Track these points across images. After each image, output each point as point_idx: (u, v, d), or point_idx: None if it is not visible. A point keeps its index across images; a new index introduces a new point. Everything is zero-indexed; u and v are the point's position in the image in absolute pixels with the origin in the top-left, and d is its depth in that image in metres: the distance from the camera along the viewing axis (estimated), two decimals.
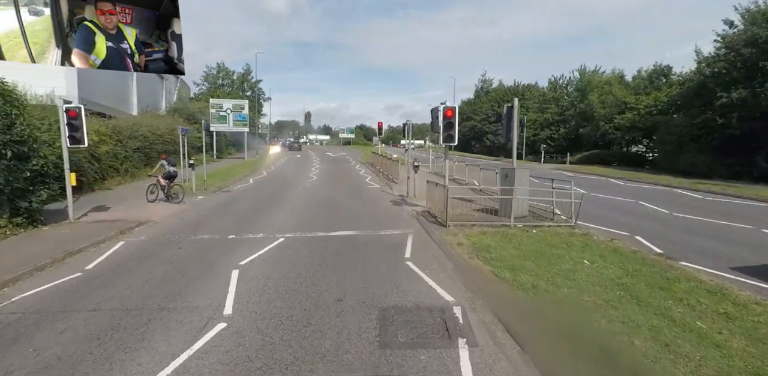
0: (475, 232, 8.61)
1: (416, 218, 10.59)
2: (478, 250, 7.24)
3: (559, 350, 3.99)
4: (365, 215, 10.98)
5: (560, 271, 6.07)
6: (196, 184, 15.37)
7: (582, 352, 3.91)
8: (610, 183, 18.50)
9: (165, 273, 6.35)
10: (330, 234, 8.87)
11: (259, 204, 12.80)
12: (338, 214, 11.15)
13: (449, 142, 10.58)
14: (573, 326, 4.47)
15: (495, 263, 6.47)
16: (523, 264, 6.36)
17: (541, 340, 4.15)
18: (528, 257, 6.72)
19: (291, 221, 10.17)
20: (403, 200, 13.47)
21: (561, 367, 3.68)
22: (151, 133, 21.82)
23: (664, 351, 3.84)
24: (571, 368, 3.67)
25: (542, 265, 6.35)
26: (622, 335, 4.15)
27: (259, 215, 11.08)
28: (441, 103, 10.81)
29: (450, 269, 6.48)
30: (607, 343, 4.01)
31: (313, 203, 13.10)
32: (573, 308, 4.85)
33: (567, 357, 3.85)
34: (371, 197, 14.40)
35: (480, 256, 6.91)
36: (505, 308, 4.88)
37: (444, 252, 7.33)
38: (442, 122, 10.47)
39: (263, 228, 9.41)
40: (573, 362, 3.75)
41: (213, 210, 11.89)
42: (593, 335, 4.19)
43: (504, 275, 5.93)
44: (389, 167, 20.43)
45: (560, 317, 4.70)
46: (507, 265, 6.33)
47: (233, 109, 33.25)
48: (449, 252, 7.22)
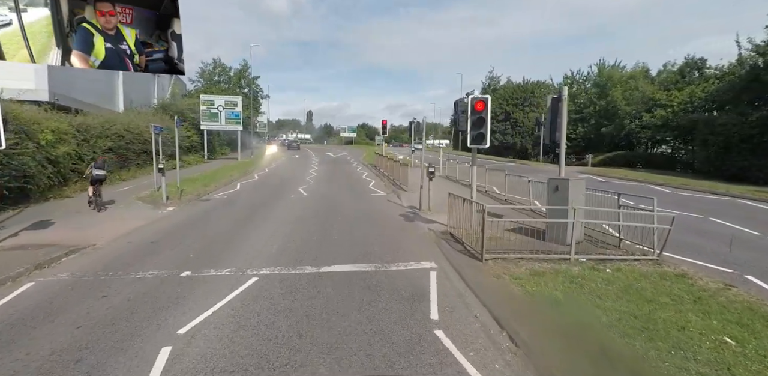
0: (525, 271, 6.15)
1: (436, 242, 8.14)
2: (540, 308, 4.80)
3: None
4: (369, 237, 8.54)
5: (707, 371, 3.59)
6: (167, 193, 12.95)
7: None
8: (653, 191, 15.92)
9: (53, 353, 3.94)
10: (322, 270, 6.44)
11: (238, 219, 10.37)
12: (335, 234, 8.73)
13: (479, 144, 8.14)
14: None
15: (585, 344, 4.02)
16: (633, 349, 3.90)
17: None
18: (632, 328, 4.27)
19: (272, 247, 7.74)
20: (415, 214, 11.01)
21: None
22: (128, 131, 19.43)
23: None
24: None
25: (664, 348, 3.89)
26: None
27: (234, 237, 8.65)
28: (467, 93, 8.37)
29: (508, 352, 4.04)
30: None
31: (306, 217, 10.66)
32: None
33: None
34: (376, 210, 11.95)
35: (550, 322, 4.47)
36: None
37: (490, 312, 4.88)
38: (471, 117, 8.02)
39: (233, 259, 7.00)
40: None
41: (178, 228, 9.46)
42: None
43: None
44: (396, 171, 17.97)
45: None
46: (607, 350, 3.87)
47: (225, 105, 30.85)
48: (499, 314, 4.77)
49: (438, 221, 10.12)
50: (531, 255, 6.86)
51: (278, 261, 6.89)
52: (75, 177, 14.88)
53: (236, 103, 31.20)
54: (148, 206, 12.19)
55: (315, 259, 7.02)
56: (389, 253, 7.42)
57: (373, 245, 7.91)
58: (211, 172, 21.23)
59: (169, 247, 7.81)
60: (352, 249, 7.63)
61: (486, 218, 6.47)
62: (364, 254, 7.35)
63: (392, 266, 6.64)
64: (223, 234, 8.81)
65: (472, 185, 8.63)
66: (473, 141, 8.09)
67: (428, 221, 10.04)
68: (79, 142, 15.66)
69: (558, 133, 8.44)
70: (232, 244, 8.02)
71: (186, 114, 29.60)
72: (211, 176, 19.10)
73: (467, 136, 8.13)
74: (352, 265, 6.70)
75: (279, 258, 7.06)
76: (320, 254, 7.27)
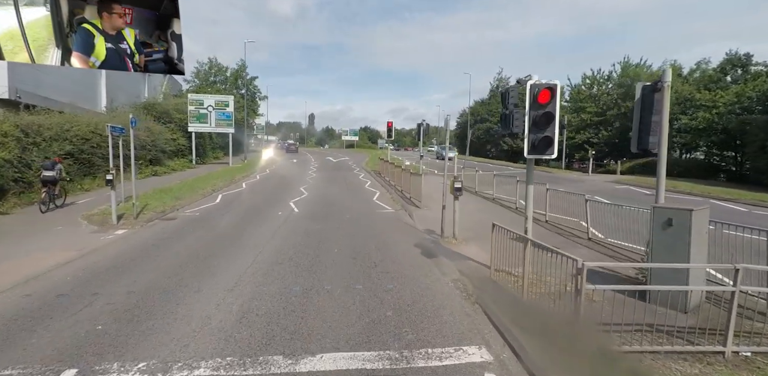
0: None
1: (478, 299, 5.42)
2: None
3: None
4: (378, 288, 5.85)
5: None
6: (119, 211, 10.31)
7: None
8: (724, 209, 13.08)
9: None
10: (299, 369, 3.77)
11: (198, 254, 7.70)
12: (326, 283, 6.05)
13: (543, 153, 5.49)
14: None
15: None
16: None
17: None
18: None
19: (230, 311, 5.06)
20: (436, 243, 8.32)
21: None
22: (95, 133, 16.80)
23: None
24: None
25: None
26: None
27: (181, 288, 5.97)
28: (524, 77, 5.70)
29: None
30: None
31: (290, 251, 7.98)
32: None
33: None
34: (384, 236, 9.26)
35: None
36: None
37: None
38: (531, 113, 5.37)
39: (162, 337, 4.32)
40: None
41: (110, 268, 6.78)
42: None
43: None
44: (405, 181, 15.28)
45: None
46: None
47: (216, 106, 28.29)
48: None
49: (469, 255, 7.43)
50: (655, 347, 4.11)
51: (231, 345, 4.21)
52: (18, 188, 12.27)
53: (227, 104, 28.63)
54: (91, 229, 9.55)
55: (291, 339, 4.33)
56: (409, 324, 4.72)
57: (384, 306, 5.22)
58: (192, 180, 18.57)
59: (76, 307, 5.14)
60: (351, 316, 4.94)
61: (586, 288, 3.75)
62: (371, 325, 4.66)
63: (418, 359, 3.95)
64: (166, 281, 6.13)
65: (528, 215, 5.91)
66: (534, 149, 5.42)
67: (456, 256, 7.34)
68: (25, 146, 13.05)
69: (654, 138, 5.77)
70: (172, 302, 5.33)
71: (172, 115, 27.05)
72: (189, 186, 16.44)
73: (526, 142, 5.45)
74: (351, 355, 4.01)
75: (234, 337, 4.38)
76: (301, 329, 4.58)
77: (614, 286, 4.27)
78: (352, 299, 5.45)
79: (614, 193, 15.73)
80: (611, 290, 4.21)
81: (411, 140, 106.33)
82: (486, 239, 8.53)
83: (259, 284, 5.97)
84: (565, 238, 8.76)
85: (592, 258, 7.25)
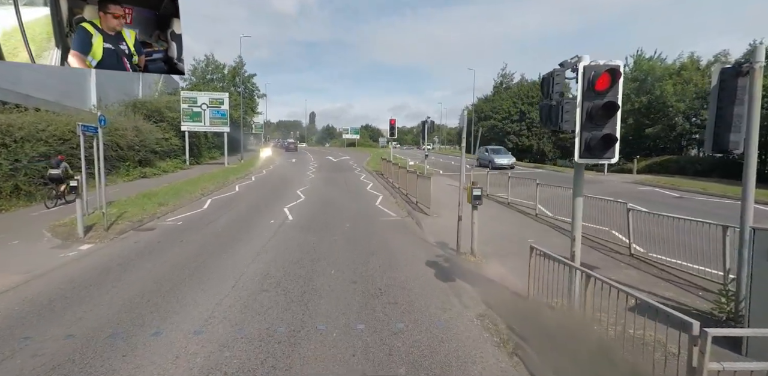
0: None
1: (516, 354, 4.15)
2: None
3: None
4: (381, 333, 4.61)
5: None
6: (86, 222, 9.09)
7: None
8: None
9: None
10: None
11: (167, 280, 6.46)
12: (320, 318, 4.80)
13: (600, 156, 4.21)
14: None
15: None
16: None
17: None
18: None
19: (191, 367, 3.82)
20: (451, 262, 7.05)
21: None
22: (75, 133, 15.52)
23: None
24: None
25: None
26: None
27: (129, 338, 4.73)
28: (570, 59, 4.40)
29: None
30: None
31: (279, 273, 6.73)
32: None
33: None
34: (389, 251, 7.99)
35: None
36: None
37: None
38: (586, 103, 4.08)
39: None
40: None
41: (53, 303, 5.54)
42: None
43: None
44: (411, 184, 14.00)
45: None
46: None
47: (210, 104, 27.03)
48: None
49: (493, 277, 6.17)
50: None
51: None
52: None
53: (222, 101, 27.37)
54: (53, 244, 8.32)
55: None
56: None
57: (394, 359, 3.97)
58: (181, 183, 17.34)
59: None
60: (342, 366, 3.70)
61: (709, 367, 2.46)
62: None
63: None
64: (119, 318, 4.88)
65: (575, 236, 4.60)
66: (588, 151, 4.13)
67: (477, 280, 6.07)
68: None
69: (738, 136, 4.50)
70: (118, 354, 4.08)
71: (164, 113, 25.81)
72: (177, 190, 15.20)
73: (577, 142, 4.16)
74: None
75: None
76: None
77: (753, 363, 2.80)
78: (352, 348, 4.19)
79: (639, 196, 14.42)
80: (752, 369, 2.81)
81: (412, 138, 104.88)
82: (510, 254, 7.30)
83: (235, 324, 4.71)
84: (603, 254, 7.48)
85: (644, 282, 5.98)
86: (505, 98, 51.37)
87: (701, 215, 10.08)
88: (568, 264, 4.39)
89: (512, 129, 49.22)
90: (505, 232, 9.12)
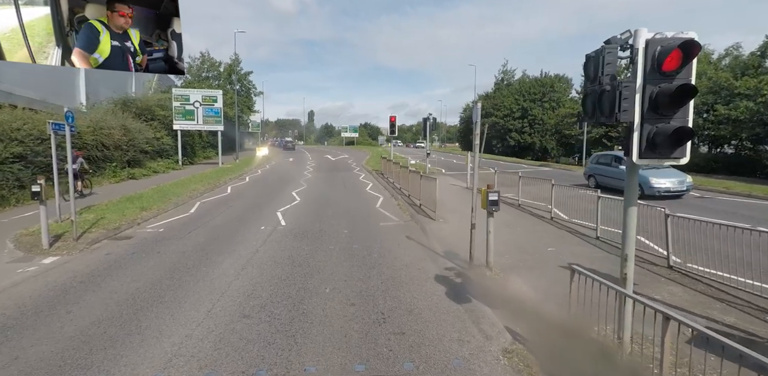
0: None
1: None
2: None
3: None
4: (380, 372, 3.70)
5: None
6: (52, 230, 8.17)
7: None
8: None
9: None
10: None
11: (132, 303, 5.55)
12: (308, 361, 3.89)
13: (668, 156, 3.28)
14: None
15: None
16: None
17: None
18: None
19: None
20: (464, 277, 6.13)
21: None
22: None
23: None
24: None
25: None
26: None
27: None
28: (621, 35, 3.47)
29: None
30: None
31: (265, 292, 5.82)
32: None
33: None
34: (392, 264, 7.07)
35: None
36: None
37: None
38: (649, 87, 3.15)
39: None
40: None
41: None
42: None
43: None
44: (414, 185, 13.08)
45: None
46: None
47: (203, 101, 26.05)
48: None
49: (516, 295, 5.26)
50: None
51: None
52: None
53: (215, 99, 26.39)
54: (14, 256, 7.39)
55: None
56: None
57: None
58: (170, 184, 16.40)
59: None
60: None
61: None
62: None
63: None
64: (61, 358, 3.97)
65: (627, 254, 3.66)
66: (651, 148, 3.22)
67: (497, 300, 5.16)
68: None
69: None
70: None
71: (155, 111, 24.84)
72: (164, 192, 14.27)
73: (636, 137, 3.25)
74: None
75: None
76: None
77: None
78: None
79: (687, 204, 13.53)
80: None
81: (411, 136, 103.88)
82: (531, 267, 6.38)
83: (204, 366, 3.80)
84: (637, 265, 6.53)
85: (694, 302, 5.08)
86: (507, 95, 50.40)
87: (730, 217, 9.19)
88: (620, 291, 3.48)
89: (514, 126, 48.29)
90: (520, 239, 8.21)
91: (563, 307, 4.27)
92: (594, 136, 30.09)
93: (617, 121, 3.21)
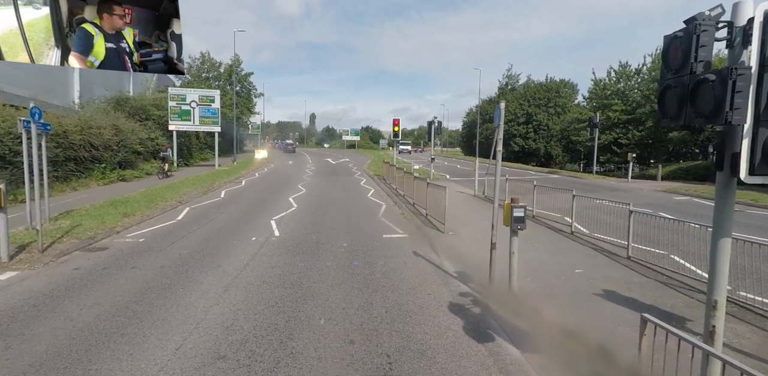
0: None
1: None
2: None
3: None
4: None
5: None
6: (15, 241, 7.29)
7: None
8: None
9: None
10: None
11: (86, 336, 4.66)
12: None
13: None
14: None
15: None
16: None
17: None
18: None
19: None
20: (483, 306, 5.23)
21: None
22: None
23: None
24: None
25: None
26: None
27: None
28: (715, 8, 2.60)
29: None
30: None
31: (248, 324, 4.92)
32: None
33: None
34: (398, 288, 6.17)
35: None
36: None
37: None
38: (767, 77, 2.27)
39: None
40: None
41: None
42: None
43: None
44: (419, 192, 12.19)
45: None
46: None
47: (200, 101, 25.24)
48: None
49: (547, 333, 4.34)
50: None
51: None
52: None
53: (213, 99, 25.60)
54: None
55: None
56: None
57: None
58: (160, 188, 15.52)
59: None
60: None
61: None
62: None
63: None
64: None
65: (717, 303, 2.77)
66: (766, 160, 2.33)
67: (529, 340, 4.26)
68: None
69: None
70: None
71: (150, 111, 24.02)
72: (152, 196, 13.39)
73: (746, 145, 2.37)
74: None
75: None
76: None
77: None
78: None
79: (679, 207, 12.65)
80: None
81: (413, 140, 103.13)
82: (561, 295, 5.46)
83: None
84: (678, 292, 5.67)
85: (753, 347, 4.17)
86: (511, 100, 49.62)
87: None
88: (706, 350, 2.58)
89: (518, 132, 47.47)
90: (542, 257, 7.31)
91: (608, 349, 3.38)
92: (603, 143, 29.21)
93: (726, 122, 2.32)
